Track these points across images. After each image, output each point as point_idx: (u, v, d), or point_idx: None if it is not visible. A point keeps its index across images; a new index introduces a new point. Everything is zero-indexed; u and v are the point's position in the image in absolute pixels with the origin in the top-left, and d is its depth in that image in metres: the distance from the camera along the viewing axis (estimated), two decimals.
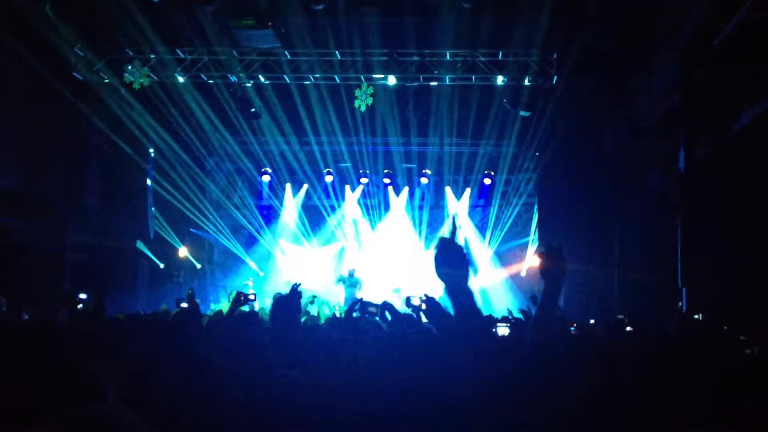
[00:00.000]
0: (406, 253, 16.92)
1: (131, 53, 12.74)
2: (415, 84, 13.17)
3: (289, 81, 13.30)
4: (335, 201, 17.34)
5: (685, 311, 8.52)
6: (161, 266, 15.53)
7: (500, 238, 16.56)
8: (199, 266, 16.61)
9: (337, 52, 12.67)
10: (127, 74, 12.65)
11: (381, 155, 16.29)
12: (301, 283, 4.18)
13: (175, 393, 2.46)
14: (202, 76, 13.20)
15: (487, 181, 16.35)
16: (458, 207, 17.00)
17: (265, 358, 3.36)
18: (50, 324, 4.88)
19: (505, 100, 13.11)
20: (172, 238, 15.84)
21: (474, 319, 2.52)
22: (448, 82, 13.14)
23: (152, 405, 2.23)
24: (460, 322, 2.53)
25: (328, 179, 16.71)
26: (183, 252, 16.14)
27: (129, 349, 3.48)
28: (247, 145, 15.70)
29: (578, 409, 2.55)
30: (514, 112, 13.26)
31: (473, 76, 12.94)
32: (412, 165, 16.65)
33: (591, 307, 11.78)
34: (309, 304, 11.69)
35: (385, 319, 4.82)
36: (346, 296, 14.24)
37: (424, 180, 16.58)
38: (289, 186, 17.31)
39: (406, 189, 17.11)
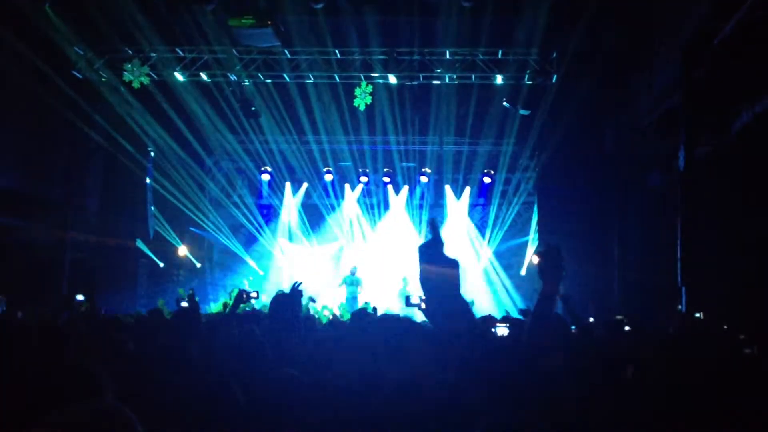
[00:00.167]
0: (406, 252, 16.92)
1: (131, 52, 12.73)
2: (415, 83, 13.15)
3: (288, 80, 13.29)
4: (335, 200, 17.34)
5: (685, 311, 8.52)
6: (161, 265, 15.53)
7: (500, 237, 16.56)
8: (198, 265, 16.61)
9: (336, 51, 12.66)
10: (126, 73, 12.64)
11: (381, 154, 16.28)
12: (302, 282, 4.17)
13: (174, 392, 2.46)
14: (202, 74, 13.18)
15: (487, 180, 16.34)
16: (458, 206, 17.00)
17: (265, 357, 3.36)
18: (49, 324, 4.88)
19: (504, 99, 13.10)
20: (172, 237, 15.83)
21: (471, 323, 2.52)
22: (447, 80, 13.13)
23: (152, 403, 2.22)
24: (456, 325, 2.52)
25: (328, 178, 16.70)
26: (183, 251, 16.13)
27: (127, 349, 3.47)
28: (246, 143, 15.69)
29: (577, 409, 2.55)
30: (514, 111, 13.26)
31: (473, 75, 12.93)
32: (411, 164, 16.65)
33: (591, 306, 11.77)
34: (310, 304, 11.69)
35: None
36: (348, 295, 14.24)
37: (424, 179, 16.57)
38: (288, 185, 17.30)
39: (406, 188, 17.10)
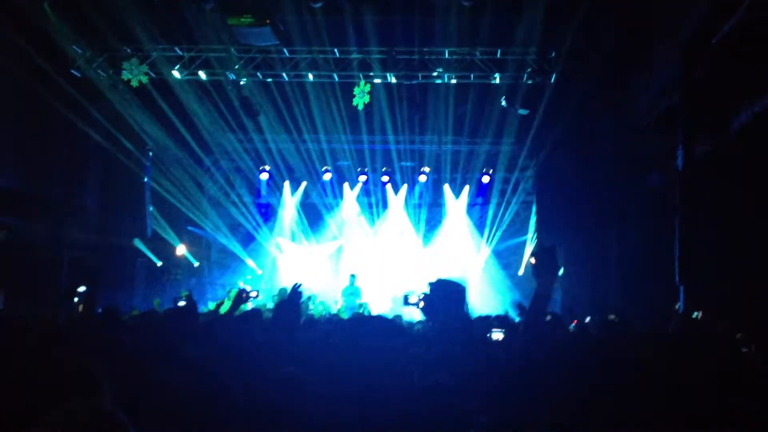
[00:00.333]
0: (405, 251, 16.94)
1: (129, 50, 12.71)
2: (414, 82, 13.15)
3: (287, 79, 13.28)
4: (333, 199, 17.34)
5: (683, 310, 8.52)
6: (159, 264, 15.52)
7: (498, 236, 16.57)
8: (197, 264, 16.60)
9: (335, 50, 12.66)
10: (125, 71, 12.63)
11: (379, 153, 16.28)
12: (302, 283, 4.18)
13: (174, 391, 2.45)
14: (201, 73, 13.17)
15: (486, 179, 16.34)
16: (456, 205, 17.01)
17: (265, 356, 3.36)
18: (48, 322, 4.88)
19: (503, 98, 13.10)
20: (170, 236, 15.83)
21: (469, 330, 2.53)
22: (446, 80, 13.13)
23: (152, 403, 2.22)
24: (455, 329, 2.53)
25: (327, 177, 16.70)
26: (181, 250, 16.12)
27: (125, 348, 3.47)
28: (245, 142, 15.68)
29: (574, 410, 2.55)
30: (513, 111, 13.26)
31: (472, 74, 12.93)
32: (410, 163, 16.65)
33: (589, 305, 11.79)
34: (308, 302, 11.69)
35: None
36: (345, 304, 14.10)
37: (423, 178, 16.58)
38: (287, 184, 17.30)
39: (405, 187, 17.11)
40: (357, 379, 2.79)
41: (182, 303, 6.99)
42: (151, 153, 14.91)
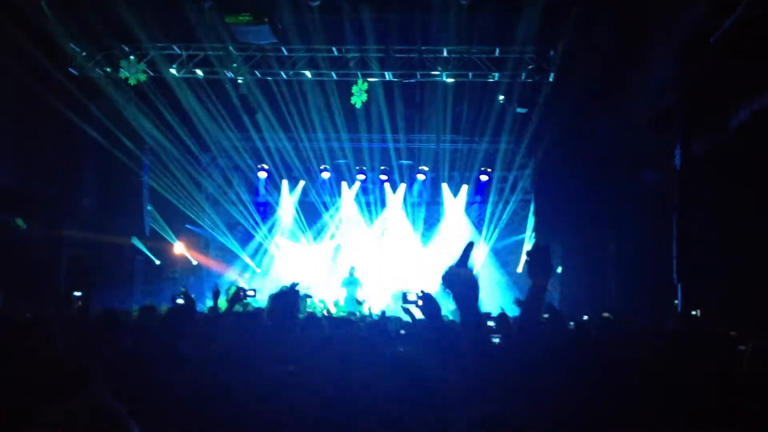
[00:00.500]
0: (403, 250, 16.94)
1: (127, 49, 12.69)
2: (412, 80, 13.14)
3: (285, 77, 13.27)
4: (331, 198, 17.34)
5: (681, 308, 8.54)
6: (157, 262, 15.51)
7: (497, 234, 16.57)
8: (195, 262, 16.59)
9: (333, 49, 12.64)
10: (122, 70, 12.61)
11: (377, 152, 16.27)
12: (299, 282, 4.18)
13: (173, 390, 2.45)
14: (198, 71, 13.15)
15: (484, 177, 16.35)
16: (455, 204, 17.01)
17: (263, 355, 3.35)
18: (46, 321, 4.86)
19: (501, 97, 13.10)
20: (168, 234, 15.81)
21: (477, 330, 2.52)
22: (444, 78, 13.12)
23: (151, 402, 2.22)
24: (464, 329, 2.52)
25: (325, 176, 16.70)
26: (179, 248, 16.11)
27: (123, 347, 3.47)
28: (243, 141, 15.66)
29: (572, 409, 2.55)
30: (511, 109, 13.26)
31: (470, 73, 12.93)
32: (408, 162, 16.65)
33: (587, 304, 11.80)
34: (306, 301, 11.69)
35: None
36: (347, 296, 14.20)
37: (421, 176, 16.58)
38: (285, 182, 17.28)
39: (403, 185, 17.10)
40: (352, 377, 2.79)
41: (180, 301, 7.00)
42: (149, 151, 14.89)
